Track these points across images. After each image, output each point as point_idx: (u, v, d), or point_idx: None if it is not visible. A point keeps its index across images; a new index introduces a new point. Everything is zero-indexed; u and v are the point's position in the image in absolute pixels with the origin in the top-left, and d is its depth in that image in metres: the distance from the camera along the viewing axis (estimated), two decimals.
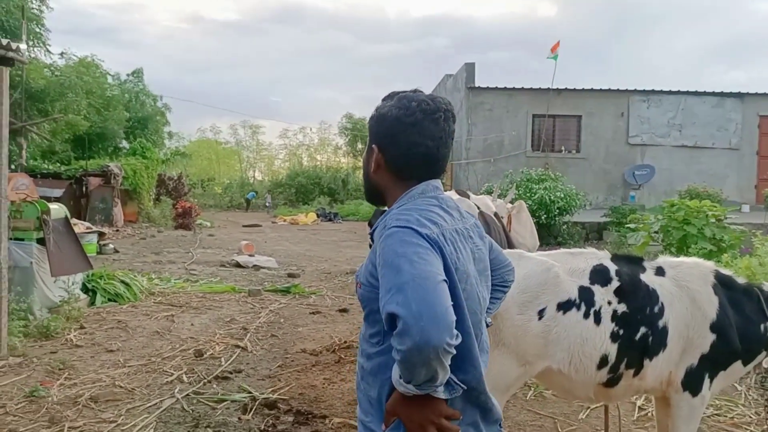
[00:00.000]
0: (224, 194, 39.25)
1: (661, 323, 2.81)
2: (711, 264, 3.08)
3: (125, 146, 24.47)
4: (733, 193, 18.48)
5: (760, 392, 4.70)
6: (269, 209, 32.31)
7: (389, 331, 1.43)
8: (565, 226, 14.22)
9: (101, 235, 13.01)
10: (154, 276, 9.64)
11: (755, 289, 3.02)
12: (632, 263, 2.98)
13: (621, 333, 2.77)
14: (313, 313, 7.54)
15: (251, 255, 12.22)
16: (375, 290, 1.51)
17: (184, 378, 4.95)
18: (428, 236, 1.49)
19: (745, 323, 2.91)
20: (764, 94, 19.94)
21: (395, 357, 1.41)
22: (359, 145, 39.93)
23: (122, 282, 7.99)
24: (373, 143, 1.71)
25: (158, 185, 23.04)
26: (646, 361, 2.80)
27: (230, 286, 9.00)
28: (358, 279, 1.65)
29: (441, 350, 1.34)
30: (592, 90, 19.90)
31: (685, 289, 2.88)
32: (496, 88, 20.08)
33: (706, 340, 2.84)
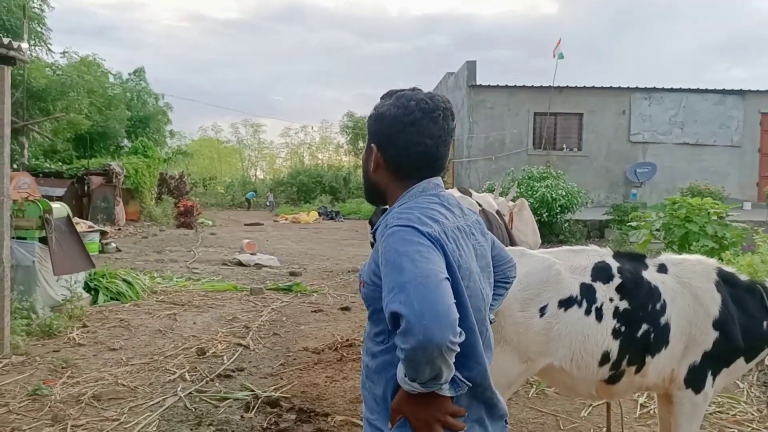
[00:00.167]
0: (226, 193, 39.31)
1: (663, 320, 2.80)
2: (714, 261, 3.07)
3: (127, 145, 24.51)
4: (735, 191, 18.46)
5: (763, 389, 4.70)
6: (271, 208, 32.32)
7: (393, 330, 1.43)
8: (567, 224, 14.21)
9: (103, 234, 13.02)
10: (156, 275, 9.65)
11: (758, 286, 3.02)
12: (634, 260, 2.98)
13: (623, 330, 2.77)
14: (315, 312, 7.55)
15: (253, 253, 12.23)
16: (378, 289, 1.51)
17: (187, 376, 4.95)
18: (430, 234, 1.49)
19: (748, 320, 2.90)
20: (766, 92, 19.90)
21: (399, 356, 1.41)
22: (360, 144, 39.92)
23: (124, 281, 8.00)
24: (372, 142, 1.71)
25: (160, 184, 23.06)
26: (648, 358, 2.80)
27: (232, 285, 9.01)
28: (362, 278, 1.65)
29: (444, 348, 1.34)
30: (594, 88, 19.88)
31: (688, 286, 2.88)
32: (498, 86, 20.06)
33: (709, 337, 2.83)
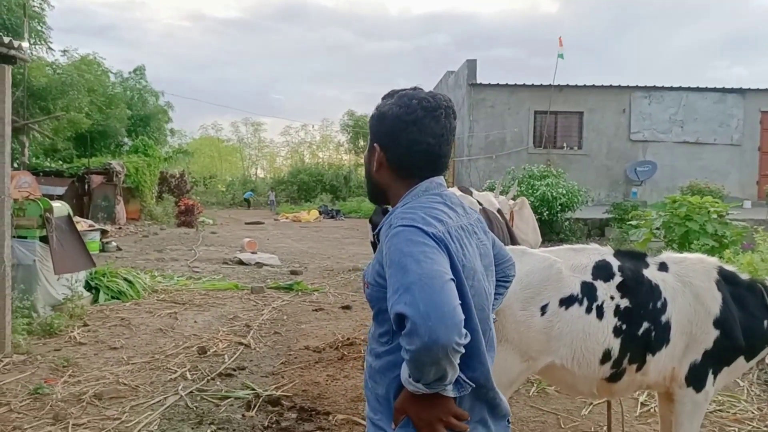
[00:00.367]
0: (226, 192, 39.32)
1: (664, 318, 2.81)
2: (715, 260, 3.07)
3: (127, 144, 24.52)
4: (735, 189, 18.47)
5: (763, 388, 4.71)
6: (272, 206, 32.32)
7: (398, 331, 1.43)
8: (567, 223, 14.21)
9: (104, 233, 13.02)
10: (157, 273, 9.65)
11: (759, 285, 3.02)
12: (635, 259, 2.98)
13: (624, 328, 2.77)
14: (316, 310, 7.55)
15: (254, 252, 12.24)
16: (383, 290, 1.51)
17: (188, 375, 4.96)
18: (434, 235, 1.49)
19: (749, 319, 2.90)
20: (766, 90, 19.90)
21: (404, 357, 1.41)
22: (361, 142, 39.95)
23: (125, 280, 8.01)
24: (375, 142, 1.71)
25: (160, 183, 23.07)
26: (649, 357, 2.81)
27: (233, 284, 9.01)
28: (366, 279, 1.65)
29: (450, 349, 1.34)
30: (594, 86, 19.88)
31: (689, 285, 2.88)
32: (498, 85, 20.05)
33: (710, 336, 2.84)
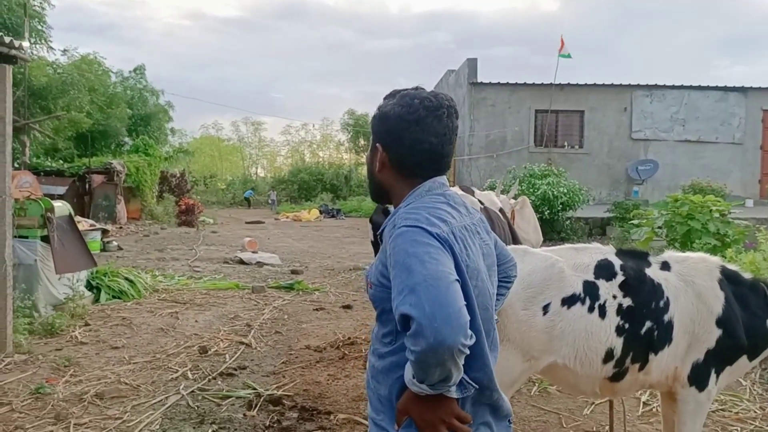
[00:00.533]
0: (227, 191, 39.33)
1: (667, 318, 2.80)
2: (717, 259, 3.06)
3: (128, 143, 24.52)
4: (737, 188, 18.45)
5: (766, 387, 4.70)
6: (273, 206, 32.33)
7: (402, 332, 1.42)
8: (569, 222, 14.20)
9: (105, 233, 13.03)
10: (158, 273, 9.66)
11: (761, 284, 3.01)
12: (637, 258, 2.97)
13: (626, 327, 2.76)
14: (317, 310, 7.55)
15: (254, 252, 12.24)
16: (386, 290, 1.51)
17: (189, 374, 4.96)
18: (438, 235, 1.48)
19: (751, 318, 2.89)
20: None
21: (409, 357, 1.40)
22: (361, 141, 39.95)
23: (126, 279, 8.01)
24: (377, 142, 1.70)
25: (161, 182, 23.07)
26: (652, 356, 2.80)
27: (234, 283, 9.01)
28: (369, 279, 1.64)
29: (456, 351, 1.34)
30: (595, 85, 19.85)
31: (691, 284, 2.87)
32: (499, 84, 20.03)
33: (712, 335, 2.83)
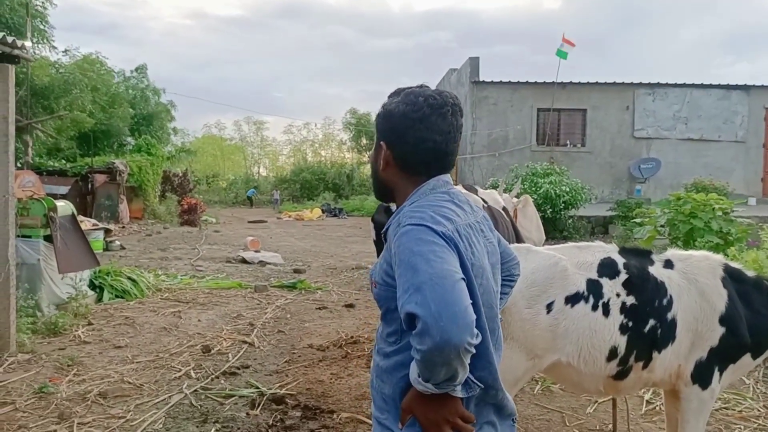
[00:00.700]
0: (229, 190, 39.36)
1: (670, 316, 2.80)
2: (720, 257, 3.06)
3: (130, 143, 24.52)
4: (740, 186, 18.41)
5: None
6: (276, 205, 32.34)
7: (408, 331, 1.42)
8: (571, 221, 14.18)
9: (107, 232, 13.06)
10: (161, 272, 9.67)
11: (764, 283, 3.01)
12: (640, 256, 2.97)
13: (630, 325, 2.76)
14: (320, 309, 7.55)
15: (257, 251, 12.26)
16: (391, 289, 1.50)
17: (192, 374, 4.96)
18: (444, 234, 1.48)
19: (755, 316, 2.89)
20: None
21: (415, 356, 1.40)
22: (363, 140, 39.92)
23: (129, 278, 8.02)
24: (381, 140, 1.70)
25: (163, 182, 23.08)
26: (655, 354, 2.80)
27: (236, 282, 9.02)
28: (373, 278, 1.64)
29: (462, 350, 1.34)
30: (597, 83, 19.81)
31: (694, 282, 2.87)
32: (501, 82, 20.01)
33: (716, 333, 2.83)
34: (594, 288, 2.78)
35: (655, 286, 2.83)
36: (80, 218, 8.84)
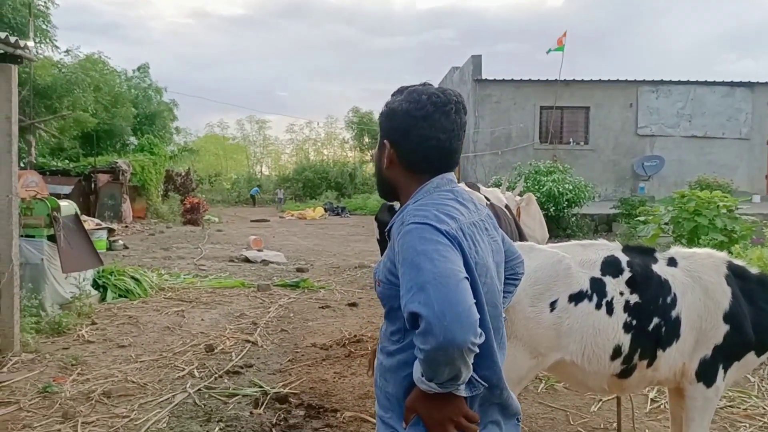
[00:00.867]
0: (232, 189, 39.40)
1: (674, 314, 2.79)
2: (724, 255, 3.05)
3: (133, 142, 24.54)
4: (744, 184, 18.38)
5: None
6: (280, 203, 32.35)
7: (411, 330, 1.42)
8: (574, 218, 14.17)
9: (111, 232, 13.08)
10: (164, 272, 9.68)
11: None
12: (644, 254, 2.96)
13: (634, 323, 2.75)
14: (323, 308, 7.55)
15: (260, 250, 12.26)
16: (395, 288, 1.50)
17: (196, 373, 4.97)
18: (447, 232, 1.47)
19: (759, 314, 2.88)
20: None
21: (418, 356, 1.40)
22: (366, 139, 39.93)
23: (132, 278, 8.04)
24: (385, 139, 1.69)
25: (166, 181, 23.13)
26: (659, 352, 2.79)
27: (239, 281, 9.03)
28: (377, 276, 1.63)
29: (465, 349, 1.33)
30: (600, 81, 19.78)
31: (698, 280, 2.86)
32: (504, 81, 19.99)
33: (720, 331, 2.81)
34: (597, 286, 2.77)
35: (659, 284, 2.82)
36: (83, 218, 8.85)
